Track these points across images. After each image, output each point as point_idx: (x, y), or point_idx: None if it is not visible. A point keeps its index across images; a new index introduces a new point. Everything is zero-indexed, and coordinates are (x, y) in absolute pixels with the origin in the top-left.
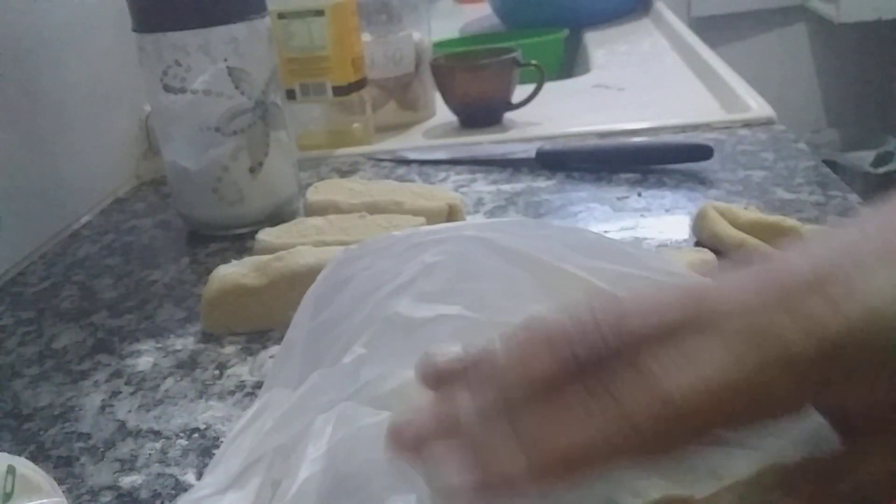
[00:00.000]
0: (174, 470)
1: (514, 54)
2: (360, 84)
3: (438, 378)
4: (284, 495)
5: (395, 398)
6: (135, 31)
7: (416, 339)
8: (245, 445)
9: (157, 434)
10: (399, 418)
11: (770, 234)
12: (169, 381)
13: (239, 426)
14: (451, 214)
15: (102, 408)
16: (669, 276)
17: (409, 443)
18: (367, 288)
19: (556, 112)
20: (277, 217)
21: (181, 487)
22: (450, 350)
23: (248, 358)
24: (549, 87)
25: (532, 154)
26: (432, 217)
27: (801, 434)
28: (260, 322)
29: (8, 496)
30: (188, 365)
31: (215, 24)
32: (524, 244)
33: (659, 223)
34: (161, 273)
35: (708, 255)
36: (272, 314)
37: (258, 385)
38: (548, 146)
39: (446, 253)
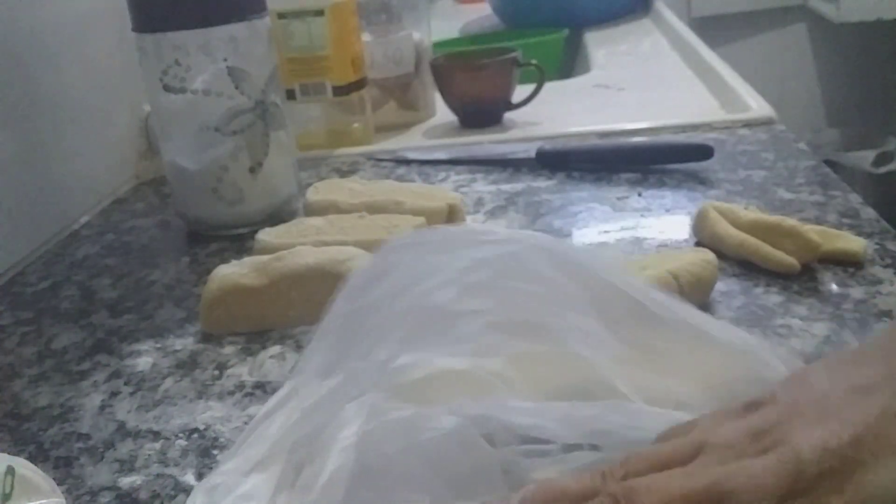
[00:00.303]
0: (173, 470)
1: (514, 54)
2: (359, 84)
3: None
4: (312, 482)
5: (423, 388)
6: (134, 30)
7: (451, 331)
8: (269, 433)
9: (156, 434)
10: None
11: (770, 234)
12: (168, 382)
13: (263, 411)
14: (451, 214)
15: (102, 408)
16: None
17: None
18: (410, 278)
19: (556, 112)
20: (277, 217)
21: (180, 488)
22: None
23: (248, 358)
24: (549, 87)
25: (532, 154)
26: (432, 217)
27: None
28: (259, 322)
29: (7, 496)
30: (188, 365)
31: (215, 23)
32: (579, 255)
33: (659, 223)
34: (161, 273)
35: (708, 255)
36: (272, 314)
37: (258, 385)
38: (548, 146)
39: (498, 251)
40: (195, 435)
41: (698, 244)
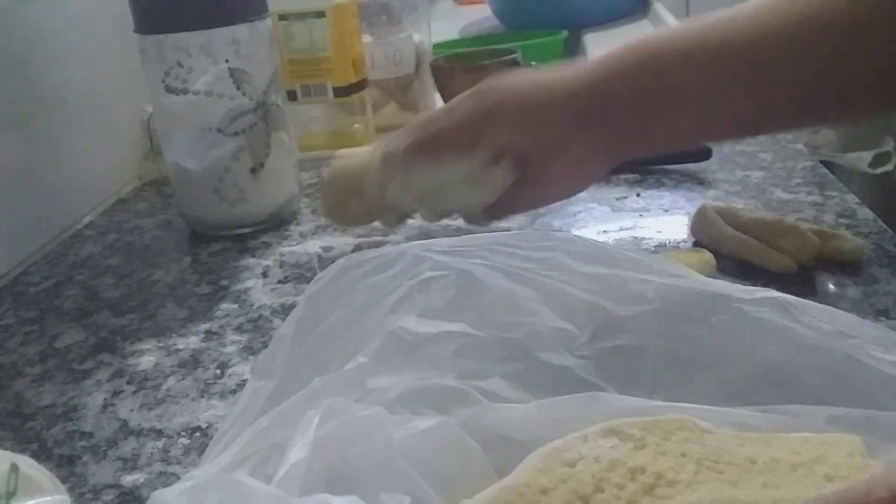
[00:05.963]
0: (176, 469)
1: (513, 55)
2: (360, 85)
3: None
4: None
5: (398, 404)
6: (136, 32)
7: (420, 356)
8: (240, 440)
9: (158, 433)
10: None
11: (768, 234)
12: (171, 381)
13: (230, 419)
14: None
15: (105, 407)
16: (669, 278)
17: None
18: (368, 300)
19: None
20: (278, 217)
21: None
22: None
23: (250, 357)
24: None
25: None
26: None
27: None
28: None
29: (11, 494)
30: (190, 364)
31: (217, 25)
32: (525, 261)
33: (657, 223)
34: (163, 273)
35: (706, 255)
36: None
37: None
38: None
39: (447, 268)
40: (197, 433)
41: (696, 244)
